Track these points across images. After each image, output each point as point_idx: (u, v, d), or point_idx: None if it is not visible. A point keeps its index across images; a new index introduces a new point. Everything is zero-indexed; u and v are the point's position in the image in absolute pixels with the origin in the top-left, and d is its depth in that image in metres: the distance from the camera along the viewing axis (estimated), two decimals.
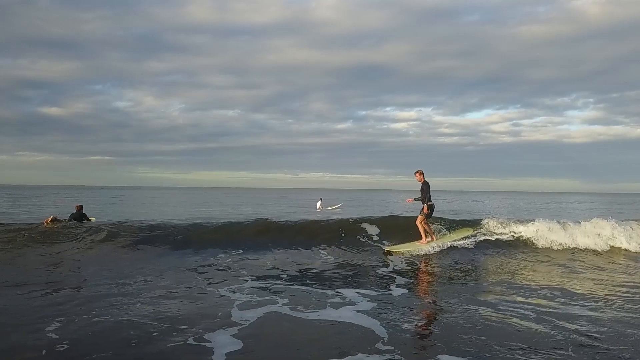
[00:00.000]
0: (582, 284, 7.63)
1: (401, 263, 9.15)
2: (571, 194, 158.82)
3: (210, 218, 15.54)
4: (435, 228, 11.61)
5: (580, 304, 6.13)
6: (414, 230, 10.71)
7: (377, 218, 12.86)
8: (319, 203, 28.20)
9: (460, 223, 12.73)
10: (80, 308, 5.47)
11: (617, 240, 11.41)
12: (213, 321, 5.04)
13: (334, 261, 9.32)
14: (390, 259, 9.55)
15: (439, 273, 8.52)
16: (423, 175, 10.42)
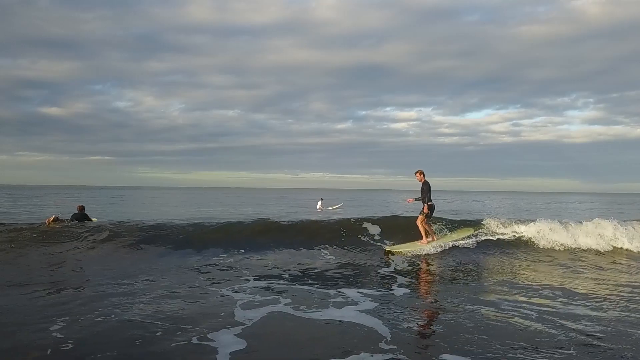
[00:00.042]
0: (584, 284, 7.65)
1: (402, 263, 9.17)
2: (571, 194, 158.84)
3: (211, 218, 15.57)
4: (436, 228, 11.63)
5: (581, 304, 6.15)
6: (415, 230, 10.72)
7: (379, 218, 12.88)
8: (319, 203, 28.22)
9: (461, 223, 12.75)
10: (83, 307, 5.49)
11: (619, 241, 11.42)
12: (216, 321, 5.06)
13: (335, 261, 9.35)
14: (391, 258, 9.58)
15: (441, 273, 8.54)
16: (424, 175, 10.41)
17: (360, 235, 11.37)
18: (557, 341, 4.57)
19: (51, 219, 11.42)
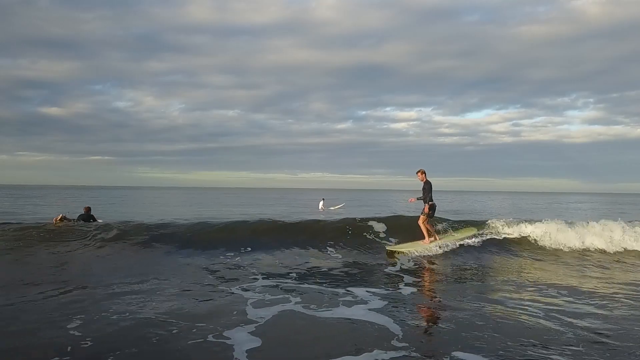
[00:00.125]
0: (590, 283, 7.74)
1: (408, 262, 9.25)
2: (571, 194, 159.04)
3: (214, 218, 15.66)
4: (439, 228, 11.70)
5: (588, 302, 6.24)
6: (420, 229, 10.79)
7: (384, 217, 12.95)
8: (321, 203, 28.30)
9: (464, 223, 12.82)
10: (98, 306, 5.57)
11: (626, 241, 11.47)
12: (230, 319, 5.14)
13: (342, 260, 9.43)
14: (397, 257, 9.65)
15: (446, 272, 8.62)
16: (425, 175, 10.34)
17: (365, 234, 11.44)
18: (566, 339, 4.65)
19: (58, 217, 11.51)
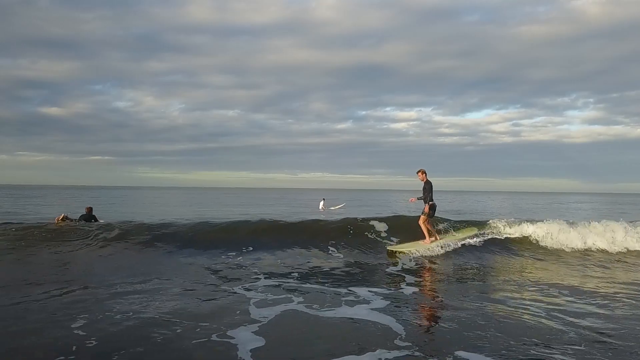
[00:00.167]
0: (591, 282, 7.76)
1: (410, 262, 9.27)
2: (571, 194, 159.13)
3: (215, 218, 15.67)
4: (441, 228, 11.72)
5: (590, 302, 6.26)
6: (420, 229, 10.81)
7: (385, 217, 12.96)
8: (321, 203, 28.33)
9: (465, 223, 12.85)
10: (101, 305, 5.58)
11: (628, 241, 11.48)
12: (233, 319, 5.16)
13: (343, 260, 9.45)
14: (398, 257, 9.67)
15: (448, 271, 8.64)
16: (425, 175, 10.32)
17: (367, 234, 11.45)
18: (568, 338, 4.67)
19: (60, 217, 11.52)
